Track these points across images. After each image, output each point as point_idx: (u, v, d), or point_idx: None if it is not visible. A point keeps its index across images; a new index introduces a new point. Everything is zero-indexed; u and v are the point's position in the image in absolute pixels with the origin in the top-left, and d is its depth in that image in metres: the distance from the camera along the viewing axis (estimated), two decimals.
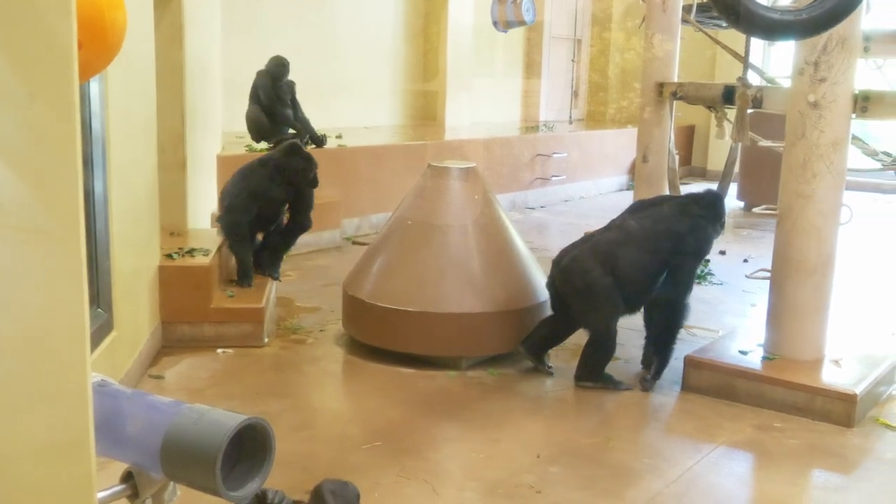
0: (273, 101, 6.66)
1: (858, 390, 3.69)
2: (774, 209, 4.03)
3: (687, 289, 4.09)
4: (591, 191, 10.11)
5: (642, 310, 4.22)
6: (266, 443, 1.21)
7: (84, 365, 1.07)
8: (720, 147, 9.18)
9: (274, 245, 5.15)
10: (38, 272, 1.05)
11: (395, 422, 3.63)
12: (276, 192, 4.94)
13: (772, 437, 3.56)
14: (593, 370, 4.08)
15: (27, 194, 1.03)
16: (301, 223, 5.16)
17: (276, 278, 5.09)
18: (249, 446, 1.22)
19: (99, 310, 3.50)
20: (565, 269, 4.07)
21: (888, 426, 3.69)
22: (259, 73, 6.70)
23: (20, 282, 1.03)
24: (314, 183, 5.04)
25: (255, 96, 6.70)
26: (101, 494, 1.15)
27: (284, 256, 5.30)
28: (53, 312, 1.07)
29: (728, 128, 5.15)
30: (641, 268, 4.01)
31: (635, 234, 4.07)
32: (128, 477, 1.23)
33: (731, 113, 5.18)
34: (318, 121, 7.42)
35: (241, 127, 6.94)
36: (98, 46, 1.67)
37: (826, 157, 3.81)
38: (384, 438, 3.43)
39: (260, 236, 5.14)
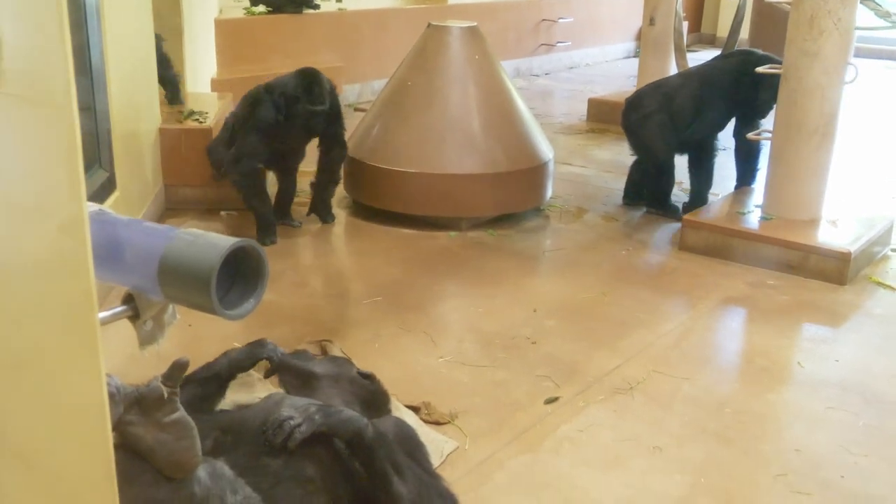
0: None
1: (853, 249, 3.74)
2: (779, 68, 3.97)
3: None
4: (597, 57, 9.92)
5: None
6: (259, 267, 1.25)
7: (78, 184, 1.09)
8: (730, 13, 8.93)
9: (321, 186, 4.30)
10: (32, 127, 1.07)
11: (396, 279, 3.71)
12: (287, 127, 4.03)
13: (764, 294, 3.63)
14: (657, 198, 4.60)
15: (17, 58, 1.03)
16: (332, 156, 4.23)
17: (329, 220, 4.35)
18: (244, 271, 1.26)
19: (101, 169, 3.53)
20: (628, 103, 4.62)
21: (881, 284, 3.76)
22: None
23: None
24: (317, 127, 4.10)
25: None
26: (102, 315, 1.20)
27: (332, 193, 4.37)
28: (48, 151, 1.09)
29: None
30: (692, 111, 4.43)
31: (692, 79, 4.59)
32: (128, 299, 1.28)
33: None
34: None
35: None
36: None
37: (834, 14, 3.72)
38: (385, 294, 3.52)
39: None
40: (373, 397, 2.37)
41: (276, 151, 4.14)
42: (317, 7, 6.89)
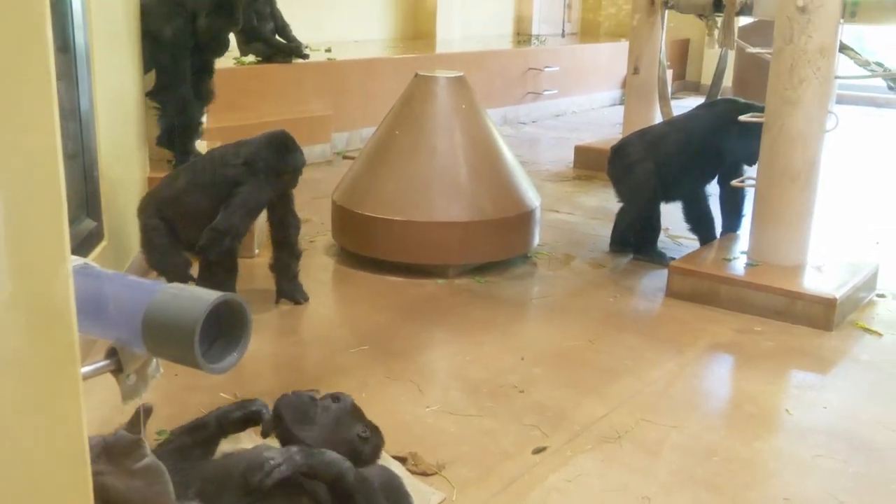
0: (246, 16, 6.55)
1: (838, 295, 3.76)
2: (761, 116, 4.03)
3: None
4: (583, 105, 10.04)
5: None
6: (243, 320, 1.26)
7: (62, 235, 1.09)
8: (713, 62, 9.08)
9: (283, 266, 3.87)
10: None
11: (382, 327, 3.70)
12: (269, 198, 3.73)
13: (751, 340, 3.64)
14: (643, 245, 4.63)
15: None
16: (293, 225, 3.85)
17: (303, 300, 3.90)
18: (227, 325, 1.26)
19: (88, 219, 3.53)
20: (614, 151, 4.68)
21: (866, 329, 3.78)
22: None
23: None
24: (294, 183, 3.79)
25: None
26: (85, 369, 1.20)
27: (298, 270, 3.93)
28: (33, 205, 1.09)
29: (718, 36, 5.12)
30: (677, 159, 4.49)
31: (677, 127, 4.66)
32: (112, 353, 1.27)
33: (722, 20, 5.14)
34: (307, 34, 7.33)
35: None
36: None
37: (813, 63, 3.79)
38: (372, 342, 3.51)
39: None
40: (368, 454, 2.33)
41: None
42: (306, 57, 6.97)
